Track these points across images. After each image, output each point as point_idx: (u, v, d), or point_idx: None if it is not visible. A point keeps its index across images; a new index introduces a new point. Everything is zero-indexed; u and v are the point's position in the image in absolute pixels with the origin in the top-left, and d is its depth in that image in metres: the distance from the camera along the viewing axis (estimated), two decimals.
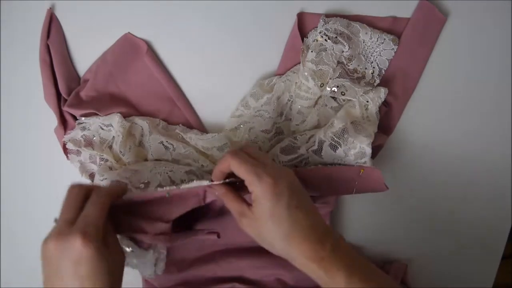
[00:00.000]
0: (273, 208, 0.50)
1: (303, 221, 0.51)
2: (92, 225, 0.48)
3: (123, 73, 0.65)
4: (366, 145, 0.59)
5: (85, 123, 0.64)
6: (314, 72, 0.62)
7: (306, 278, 0.67)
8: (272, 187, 0.49)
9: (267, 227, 0.50)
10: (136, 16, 0.65)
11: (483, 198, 0.73)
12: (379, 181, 0.60)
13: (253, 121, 0.65)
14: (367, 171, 0.60)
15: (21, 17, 0.66)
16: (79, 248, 0.46)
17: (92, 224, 0.48)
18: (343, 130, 0.60)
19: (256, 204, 0.51)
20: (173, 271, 0.69)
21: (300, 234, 0.50)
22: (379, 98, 0.62)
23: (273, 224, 0.50)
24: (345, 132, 0.60)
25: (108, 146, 0.64)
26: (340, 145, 0.60)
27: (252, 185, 0.50)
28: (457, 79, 0.67)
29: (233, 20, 0.65)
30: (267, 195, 0.49)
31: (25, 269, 0.75)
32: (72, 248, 0.46)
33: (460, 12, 0.64)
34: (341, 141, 0.60)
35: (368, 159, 0.60)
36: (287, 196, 0.50)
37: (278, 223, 0.50)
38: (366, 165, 0.60)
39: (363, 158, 0.60)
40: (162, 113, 0.67)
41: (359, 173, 0.60)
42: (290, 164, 0.63)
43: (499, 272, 0.77)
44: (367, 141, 0.59)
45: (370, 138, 0.60)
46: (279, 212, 0.50)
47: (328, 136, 0.60)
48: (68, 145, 0.64)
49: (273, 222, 0.50)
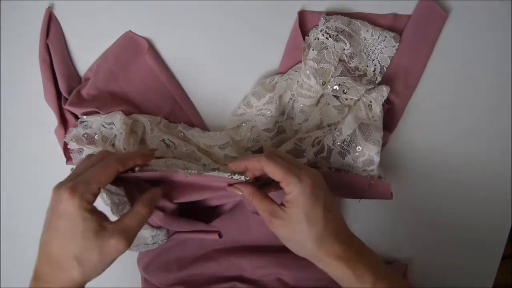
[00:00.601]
0: (311, 210, 0.50)
1: (334, 223, 0.52)
2: (85, 183, 0.47)
3: (124, 71, 0.65)
4: (375, 153, 0.60)
5: (87, 122, 0.64)
6: (316, 70, 0.62)
7: (306, 277, 0.68)
8: (311, 189, 0.50)
9: (302, 228, 0.50)
10: (136, 14, 0.65)
11: (483, 198, 0.73)
12: (386, 192, 0.61)
13: (255, 120, 0.65)
14: (378, 183, 0.61)
15: (20, 17, 0.65)
16: (63, 201, 0.46)
17: (84, 183, 0.47)
18: (352, 138, 0.61)
19: (292, 205, 0.50)
20: (173, 269, 0.68)
21: (332, 235, 0.51)
22: (382, 97, 0.63)
23: (308, 225, 0.50)
24: (354, 140, 0.61)
25: (110, 144, 0.64)
26: (349, 152, 0.61)
27: (290, 185, 0.50)
28: (459, 76, 0.67)
29: (234, 18, 0.65)
30: (306, 196, 0.50)
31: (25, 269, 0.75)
32: (59, 201, 0.47)
33: (462, 9, 0.64)
34: (350, 149, 0.61)
35: (375, 167, 0.61)
36: (323, 198, 0.51)
37: (314, 224, 0.50)
38: (374, 172, 0.61)
39: (371, 166, 0.61)
40: (163, 111, 0.66)
41: (369, 184, 0.61)
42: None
43: (499, 272, 0.77)
44: (376, 149, 0.60)
45: (378, 146, 0.60)
46: (315, 214, 0.50)
47: (337, 145, 0.61)
48: (70, 144, 0.64)
49: (309, 223, 0.50)
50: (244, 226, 0.69)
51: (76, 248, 0.46)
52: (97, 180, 0.48)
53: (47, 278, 0.48)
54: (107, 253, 0.47)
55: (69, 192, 0.46)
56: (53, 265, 0.48)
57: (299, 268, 0.67)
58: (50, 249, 0.48)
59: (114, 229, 0.48)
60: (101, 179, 0.49)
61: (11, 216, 0.73)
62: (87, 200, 0.47)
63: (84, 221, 0.46)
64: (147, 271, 0.68)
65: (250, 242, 0.70)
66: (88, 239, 0.46)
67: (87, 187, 0.47)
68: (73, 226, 0.46)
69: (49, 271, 0.48)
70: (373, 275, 0.50)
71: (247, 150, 0.66)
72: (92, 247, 0.47)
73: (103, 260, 0.48)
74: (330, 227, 0.51)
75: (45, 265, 0.48)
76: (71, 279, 0.47)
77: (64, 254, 0.47)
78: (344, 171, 0.62)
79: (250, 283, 0.69)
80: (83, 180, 0.47)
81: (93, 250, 0.47)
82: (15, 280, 0.75)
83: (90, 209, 0.47)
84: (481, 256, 0.75)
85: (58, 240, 0.47)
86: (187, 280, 0.69)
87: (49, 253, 0.48)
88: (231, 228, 0.69)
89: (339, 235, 0.52)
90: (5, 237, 0.74)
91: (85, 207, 0.46)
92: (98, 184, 0.48)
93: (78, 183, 0.47)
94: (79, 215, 0.46)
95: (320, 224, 0.50)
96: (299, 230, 0.51)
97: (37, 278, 0.49)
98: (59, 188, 0.47)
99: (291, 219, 0.51)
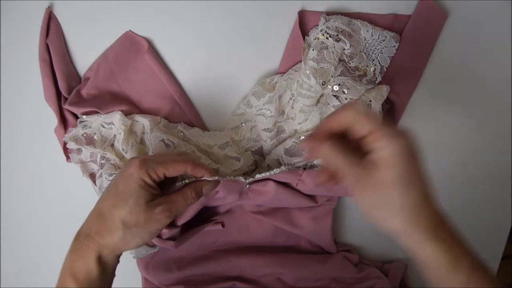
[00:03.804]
0: (409, 171, 0.41)
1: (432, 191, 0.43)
2: (155, 163, 0.52)
3: (124, 71, 0.65)
4: None
5: (86, 121, 0.64)
6: (316, 70, 0.62)
7: (306, 277, 0.68)
8: (410, 145, 0.41)
9: (396, 193, 0.42)
10: (136, 14, 0.65)
11: (483, 198, 0.73)
12: None
13: (255, 120, 0.65)
14: None
15: (20, 16, 0.65)
16: (132, 166, 0.51)
17: (155, 162, 0.52)
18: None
19: (386, 164, 0.41)
20: (173, 269, 0.68)
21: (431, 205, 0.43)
22: (381, 96, 0.62)
23: (406, 189, 0.41)
24: None
25: (109, 144, 0.64)
26: None
27: (385, 139, 0.41)
28: (459, 76, 0.67)
29: (234, 18, 0.65)
30: (404, 154, 0.41)
31: (25, 269, 0.75)
32: (129, 166, 0.52)
33: (462, 9, 0.64)
34: None
35: None
36: (419, 156, 0.43)
37: (412, 188, 0.42)
38: None
39: None
40: (163, 111, 0.66)
41: None
42: (296, 166, 0.63)
43: (499, 272, 0.77)
44: None
45: None
46: (414, 175, 0.42)
47: None
48: (69, 144, 0.64)
49: (407, 187, 0.41)
50: (243, 226, 0.69)
51: (125, 210, 0.50)
52: (166, 166, 0.52)
53: (90, 232, 0.51)
54: (151, 219, 0.51)
55: (140, 161, 0.51)
56: (99, 221, 0.51)
57: (299, 268, 0.68)
58: (102, 204, 0.52)
59: (161, 200, 0.53)
60: (168, 168, 0.52)
61: (11, 216, 0.73)
62: (151, 176, 0.51)
63: (141, 188, 0.51)
64: (147, 271, 0.68)
65: (250, 242, 0.70)
66: (138, 204, 0.51)
67: (156, 166, 0.52)
68: (130, 189, 0.51)
69: (94, 226, 0.51)
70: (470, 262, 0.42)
71: (247, 150, 0.67)
72: (139, 211, 0.51)
73: (145, 227, 0.51)
74: (429, 195, 0.43)
75: (93, 220, 0.52)
76: (112, 239, 0.51)
77: (112, 214, 0.51)
78: None
79: (250, 283, 0.69)
80: (155, 159, 0.52)
81: (140, 214, 0.51)
82: (15, 280, 0.75)
83: (149, 183, 0.52)
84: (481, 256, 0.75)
85: (112, 198, 0.51)
86: (187, 280, 0.69)
87: (100, 208, 0.52)
88: (230, 228, 0.69)
89: (437, 205, 0.43)
90: (5, 237, 0.74)
91: (147, 179, 0.51)
92: (165, 169, 0.52)
93: (151, 160, 0.52)
94: (139, 182, 0.51)
95: (419, 189, 0.42)
96: (392, 196, 0.42)
97: (81, 232, 0.52)
98: (135, 157, 0.53)
99: (385, 182, 0.42)
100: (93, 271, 0.50)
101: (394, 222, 0.43)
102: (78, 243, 0.51)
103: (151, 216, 0.51)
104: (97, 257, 0.50)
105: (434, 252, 0.42)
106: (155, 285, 0.69)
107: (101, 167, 0.63)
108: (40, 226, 0.73)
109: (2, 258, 0.74)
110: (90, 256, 0.50)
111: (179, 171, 0.53)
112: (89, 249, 0.50)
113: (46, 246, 0.74)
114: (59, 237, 0.60)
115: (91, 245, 0.50)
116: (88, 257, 0.50)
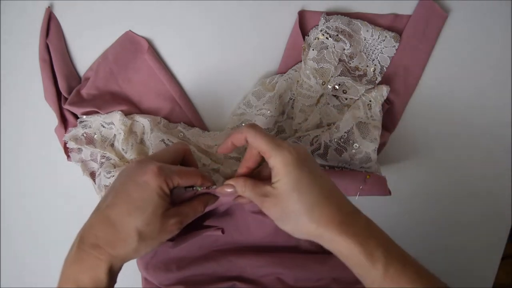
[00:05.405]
0: (300, 177, 0.46)
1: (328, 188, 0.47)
2: (171, 172, 0.49)
3: (124, 71, 0.65)
4: (372, 151, 0.60)
5: (86, 121, 0.64)
6: (316, 70, 0.62)
7: (306, 277, 0.68)
8: (293, 155, 0.46)
9: (293, 199, 0.46)
10: (136, 14, 0.65)
11: (483, 198, 0.73)
12: (383, 187, 0.61)
13: (255, 120, 0.65)
14: (373, 177, 0.60)
15: (20, 16, 0.65)
16: (149, 173, 0.48)
17: (172, 171, 0.49)
18: (349, 135, 0.60)
19: (279, 177, 0.46)
20: (173, 269, 0.68)
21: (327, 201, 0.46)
22: (381, 96, 0.63)
23: (299, 194, 0.45)
24: (351, 137, 0.60)
25: (109, 144, 0.64)
26: (346, 149, 0.60)
27: (272, 154, 0.46)
28: (459, 76, 0.67)
29: (234, 18, 0.65)
30: (289, 163, 0.45)
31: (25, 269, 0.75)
32: (143, 171, 0.48)
33: (462, 9, 0.64)
34: (347, 146, 0.60)
35: (373, 164, 0.61)
36: (310, 165, 0.47)
37: (305, 192, 0.46)
38: (371, 169, 0.61)
39: (368, 163, 0.61)
40: (163, 111, 0.66)
41: (365, 179, 0.60)
42: None
43: (499, 272, 0.77)
44: (373, 146, 0.60)
45: (376, 144, 0.60)
46: (304, 180, 0.46)
47: (334, 141, 0.61)
48: (69, 144, 0.64)
49: (299, 192, 0.45)
50: (243, 226, 0.69)
51: (141, 220, 0.48)
52: (181, 176, 0.50)
53: (99, 242, 0.48)
54: (165, 231, 0.49)
55: (158, 168, 0.48)
56: (109, 230, 0.48)
57: (299, 268, 0.67)
58: (112, 212, 0.48)
59: (175, 211, 0.51)
60: (184, 178, 0.51)
61: (11, 216, 0.73)
62: (168, 184, 0.49)
63: (159, 198, 0.48)
64: (147, 271, 0.68)
65: (250, 242, 0.70)
66: (156, 215, 0.48)
67: (173, 175, 0.49)
68: (148, 198, 0.48)
69: (104, 236, 0.48)
70: (385, 253, 0.44)
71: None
72: (156, 222, 0.48)
73: (158, 238, 0.49)
74: (324, 192, 0.46)
75: (101, 228, 0.48)
76: (125, 250, 0.48)
77: (126, 223, 0.48)
78: (340, 167, 0.62)
79: (249, 283, 0.69)
80: (171, 168, 0.50)
81: (156, 225, 0.48)
82: (15, 280, 0.75)
83: (166, 193, 0.49)
84: (481, 256, 0.75)
85: (125, 205, 0.48)
86: (187, 280, 0.69)
87: (108, 215, 0.48)
88: (230, 228, 0.69)
89: (339, 203, 0.47)
90: (5, 237, 0.74)
91: (165, 188, 0.49)
92: (180, 179, 0.50)
93: (167, 167, 0.49)
94: (158, 191, 0.48)
95: (312, 190, 0.46)
96: (291, 203, 0.46)
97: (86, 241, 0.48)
98: (145, 161, 0.50)
99: (281, 194, 0.46)
100: (102, 282, 0.48)
101: (302, 229, 0.47)
102: (83, 254, 0.48)
103: (166, 227, 0.49)
104: (109, 269, 0.48)
105: (347, 247, 0.45)
106: (155, 285, 0.69)
107: (101, 166, 0.63)
108: (40, 226, 0.73)
109: (2, 258, 0.74)
110: (100, 268, 0.47)
111: (193, 182, 0.52)
112: (99, 261, 0.47)
113: (46, 246, 0.74)
114: (59, 237, 0.60)
115: (101, 256, 0.47)
116: (98, 269, 0.47)
